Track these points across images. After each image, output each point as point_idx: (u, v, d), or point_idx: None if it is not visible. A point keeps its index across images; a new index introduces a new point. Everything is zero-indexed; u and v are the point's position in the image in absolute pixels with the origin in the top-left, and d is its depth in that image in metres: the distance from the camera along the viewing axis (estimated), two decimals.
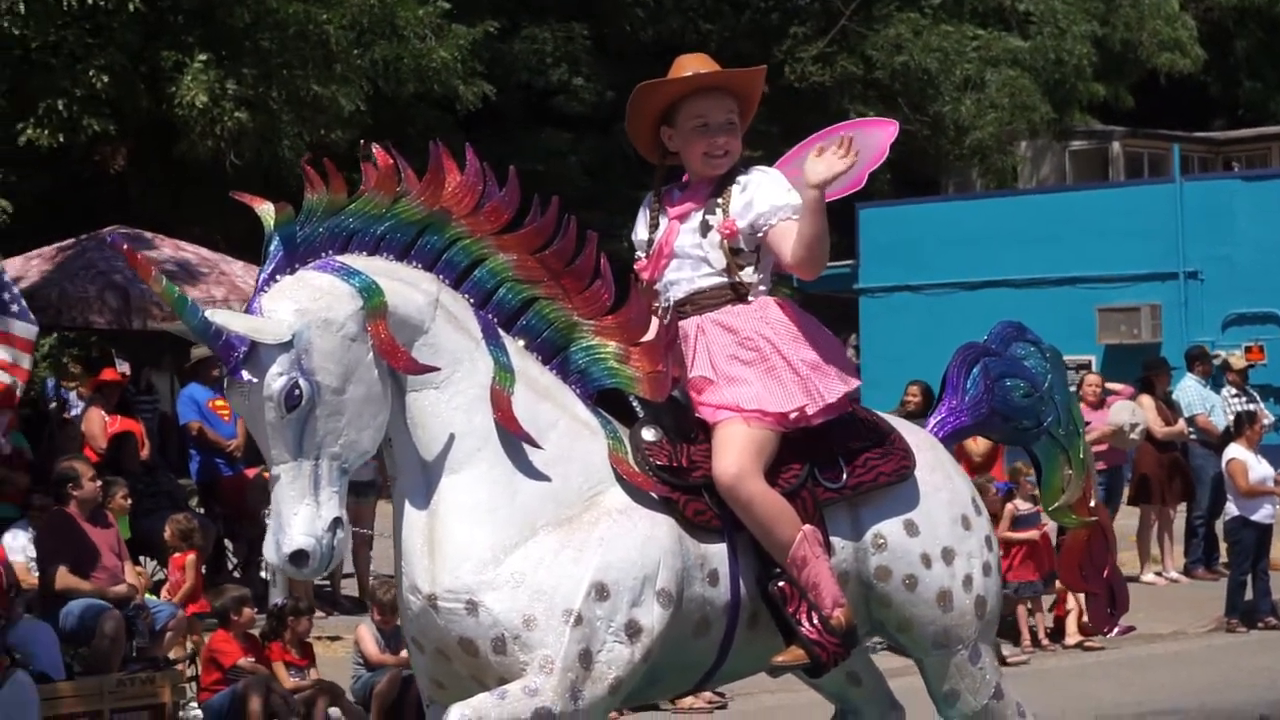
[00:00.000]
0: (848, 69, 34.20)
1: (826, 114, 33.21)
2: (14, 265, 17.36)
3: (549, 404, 6.47)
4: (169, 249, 18.74)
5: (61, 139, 20.49)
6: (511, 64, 28.54)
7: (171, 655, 13.62)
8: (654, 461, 6.51)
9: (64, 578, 13.23)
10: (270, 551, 6.12)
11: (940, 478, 7.05)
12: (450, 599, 6.22)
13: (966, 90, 34.71)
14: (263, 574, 16.81)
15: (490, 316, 6.51)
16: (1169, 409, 20.44)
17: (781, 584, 6.53)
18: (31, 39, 20.05)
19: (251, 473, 17.14)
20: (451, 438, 6.32)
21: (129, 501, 14.93)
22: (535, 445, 6.35)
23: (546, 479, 6.36)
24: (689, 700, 13.55)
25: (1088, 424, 18.51)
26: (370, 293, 6.19)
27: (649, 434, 6.58)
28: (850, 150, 6.62)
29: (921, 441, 7.10)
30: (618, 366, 6.59)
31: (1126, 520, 20.12)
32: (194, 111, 20.51)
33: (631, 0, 31.76)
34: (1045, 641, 16.84)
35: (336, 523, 6.11)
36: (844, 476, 6.77)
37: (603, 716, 6.39)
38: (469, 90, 25.14)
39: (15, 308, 13.51)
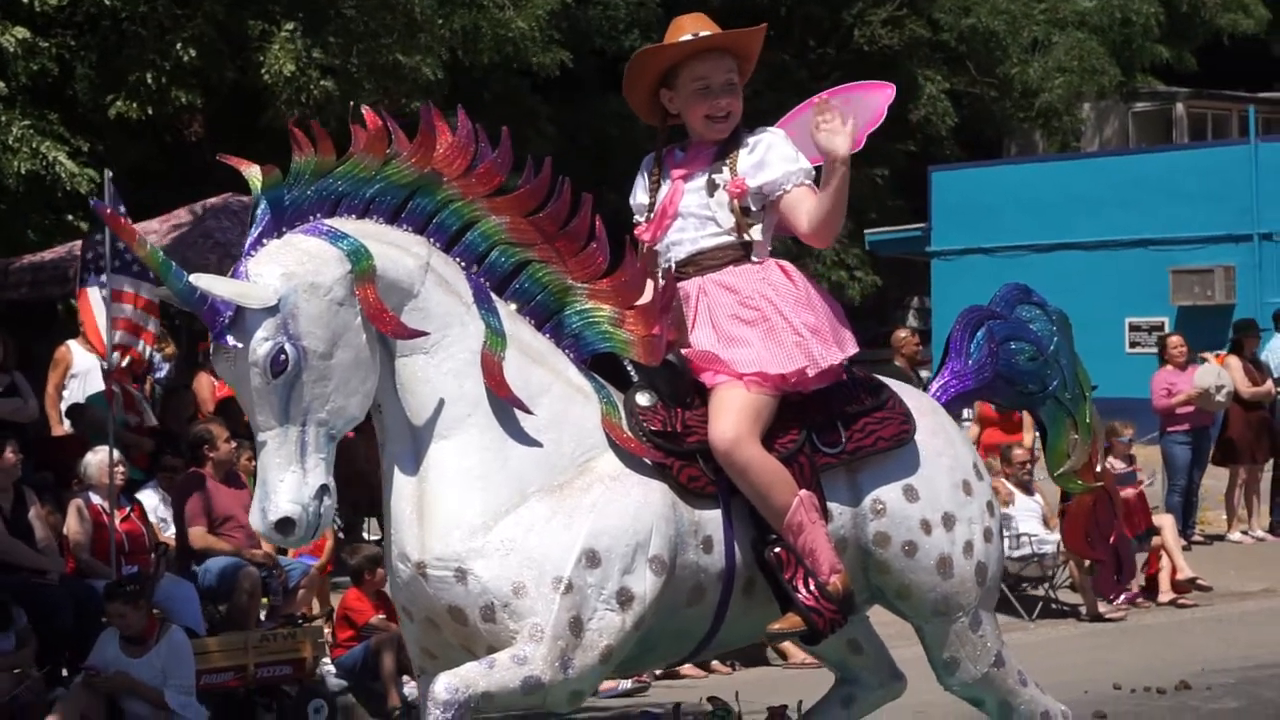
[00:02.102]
0: (916, 32, 33.51)
1: (895, 77, 32.52)
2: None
3: (541, 369, 6.09)
4: None
5: (150, 112, 20.15)
6: (585, 30, 28.03)
7: (307, 612, 13.54)
8: (648, 427, 6.13)
9: (202, 538, 13.17)
10: (256, 519, 5.78)
11: (941, 442, 6.62)
12: (439, 566, 5.87)
13: (1034, 53, 33.94)
14: (364, 535, 16.64)
15: (482, 280, 6.13)
16: (1257, 370, 19.80)
17: (778, 550, 6.15)
18: (121, 10, 19.71)
19: (351, 435, 16.84)
20: (441, 403, 5.94)
21: (254, 463, 14.73)
22: (527, 411, 5.97)
23: (538, 445, 5.98)
24: (800, 655, 13.13)
25: (1173, 386, 18.46)
26: (358, 256, 5.82)
27: (643, 399, 6.19)
28: (837, 116, 6.29)
29: (923, 406, 6.68)
30: (612, 330, 6.20)
31: (1213, 481, 19.94)
32: (281, 80, 20.09)
33: None
34: (1139, 600, 16.46)
35: (323, 490, 5.76)
36: (843, 441, 6.37)
37: (594, 685, 6.04)
38: (546, 57, 24.62)
39: (136, 268, 13.26)
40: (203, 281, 5.71)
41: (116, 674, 11.46)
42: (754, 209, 6.44)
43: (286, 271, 5.73)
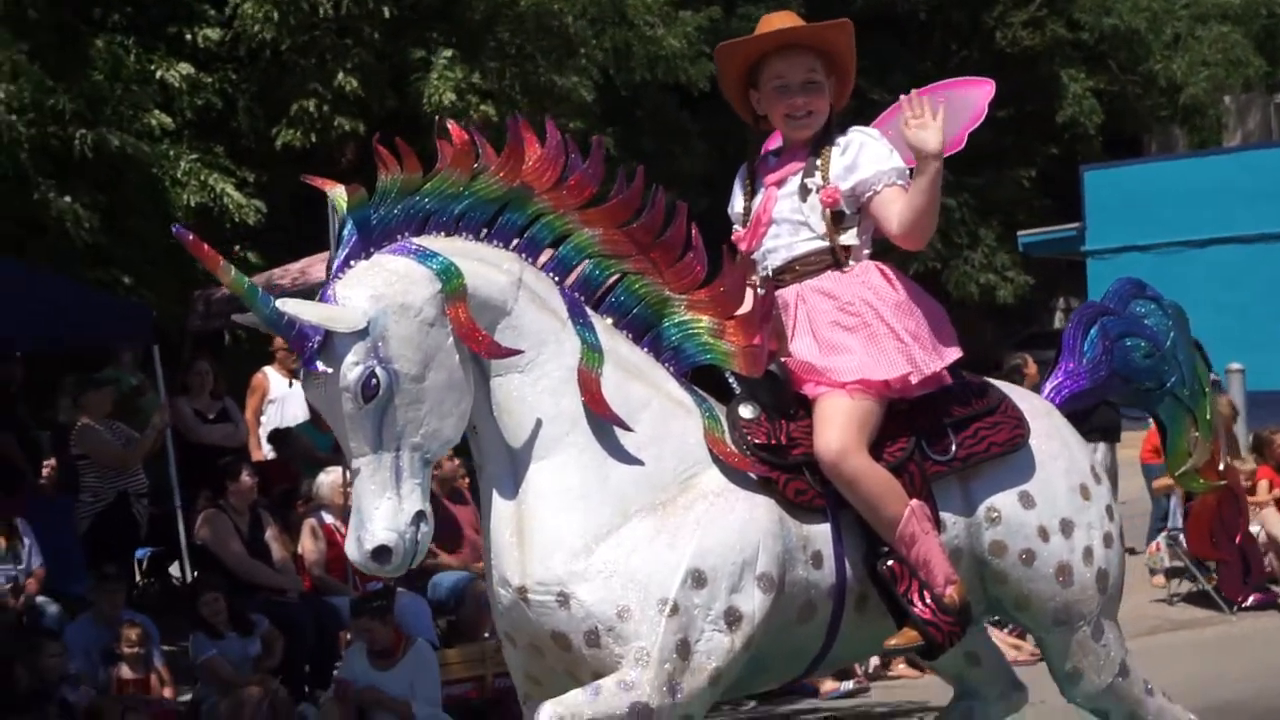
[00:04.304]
0: (1057, 32, 32.65)
1: (1037, 77, 31.91)
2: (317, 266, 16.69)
3: (640, 384, 5.63)
4: None
5: (314, 139, 19.92)
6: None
7: None
8: (752, 440, 5.65)
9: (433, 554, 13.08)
10: (352, 548, 5.36)
11: (1056, 445, 6.09)
12: (541, 591, 5.43)
13: (1177, 48, 32.92)
14: None
15: (576, 294, 5.68)
16: None
17: (890, 563, 5.67)
18: (281, 41, 19.52)
19: None
20: (539, 423, 5.50)
21: (467, 480, 14.59)
22: (626, 428, 5.52)
23: (639, 462, 5.52)
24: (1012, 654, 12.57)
25: None
26: (449, 275, 5.39)
27: (746, 411, 5.71)
28: (927, 109, 5.79)
29: (1036, 408, 6.15)
30: (712, 341, 5.73)
31: None
32: (442, 109, 19.77)
33: None
34: None
35: (420, 516, 5.35)
36: (953, 448, 5.86)
37: (703, 710, 5.55)
38: (697, 71, 24.11)
39: None
40: (290, 306, 5.31)
41: (367, 688, 11.38)
42: (848, 213, 5.98)
43: (375, 293, 5.32)
